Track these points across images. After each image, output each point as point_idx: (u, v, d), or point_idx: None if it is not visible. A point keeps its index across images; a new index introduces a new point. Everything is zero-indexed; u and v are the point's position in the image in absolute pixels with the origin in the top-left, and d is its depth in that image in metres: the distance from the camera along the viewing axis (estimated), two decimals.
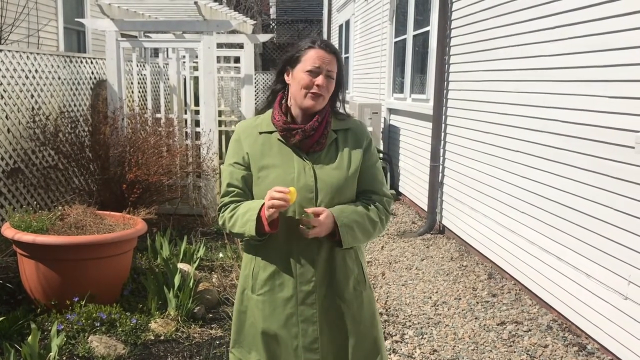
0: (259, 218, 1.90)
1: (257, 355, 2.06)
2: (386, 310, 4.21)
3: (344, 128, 2.07)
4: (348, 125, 2.08)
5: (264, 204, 1.91)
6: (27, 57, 5.40)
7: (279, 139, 2.01)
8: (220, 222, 2.07)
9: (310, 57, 1.95)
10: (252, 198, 2.02)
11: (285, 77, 2.04)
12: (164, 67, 6.72)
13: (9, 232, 3.72)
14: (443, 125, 6.18)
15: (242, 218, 1.95)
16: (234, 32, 8.43)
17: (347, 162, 2.01)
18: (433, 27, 6.50)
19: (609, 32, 3.50)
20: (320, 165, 1.98)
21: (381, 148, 8.73)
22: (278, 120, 2.00)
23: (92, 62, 6.76)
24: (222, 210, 2.05)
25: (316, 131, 1.98)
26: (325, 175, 1.97)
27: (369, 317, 2.09)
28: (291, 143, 1.99)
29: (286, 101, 2.05)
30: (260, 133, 2.03)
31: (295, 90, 1.99)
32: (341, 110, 2.12)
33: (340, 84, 2.05)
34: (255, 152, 2.01)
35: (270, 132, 2.02)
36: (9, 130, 5.06)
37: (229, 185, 2.03)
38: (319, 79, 1.94)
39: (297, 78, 1.97)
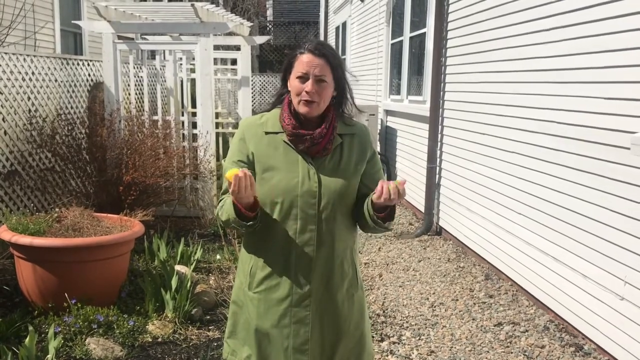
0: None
1: (249, 350, 2.08)
2: (383, 311, 4.21)
3: (350, 133, 2.06)
4: (354, 131, 2.07)
5: None
6: (24, 59, 5.40)
7: (285, 141, 2.00)
8: (217, 217, 2.08)
9: (300, 63, 1.94)
10: None
11: (288, 83, 2.03)
12: (160, 69, 6.72)
13: (6, 234, 3.72)
14: (440, 127, 6.20)
15: (227, 205, 1.94)
16: (230, 34, 8.43)
17: (350, 169, 2.01)
18: (429, 29, 6.52)
19: (604, 34, 3.52)
20: (324, 171, 1.98)
21: (378, 150, 8.74)
22: (287, 124, 1.98)
23: (89, 65, 6.76)
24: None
25: (324, 138, 1.97)
26: (329, 181, 1.97)
27: (357, 316, 2.12)
28: (299, 149, 1.98)
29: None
30: (267, 133, 2.02)
31: (292, 96, 1.99)
32: (349, 109, 2.09)
33: (342, 86, 2.02)
34: (261, 152, 1.99)
35: (276, 133, 2.01)
36: (5, 133, 5.05)
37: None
38: (308, 85, 1.92)
39: (291, 85, 1.98)
